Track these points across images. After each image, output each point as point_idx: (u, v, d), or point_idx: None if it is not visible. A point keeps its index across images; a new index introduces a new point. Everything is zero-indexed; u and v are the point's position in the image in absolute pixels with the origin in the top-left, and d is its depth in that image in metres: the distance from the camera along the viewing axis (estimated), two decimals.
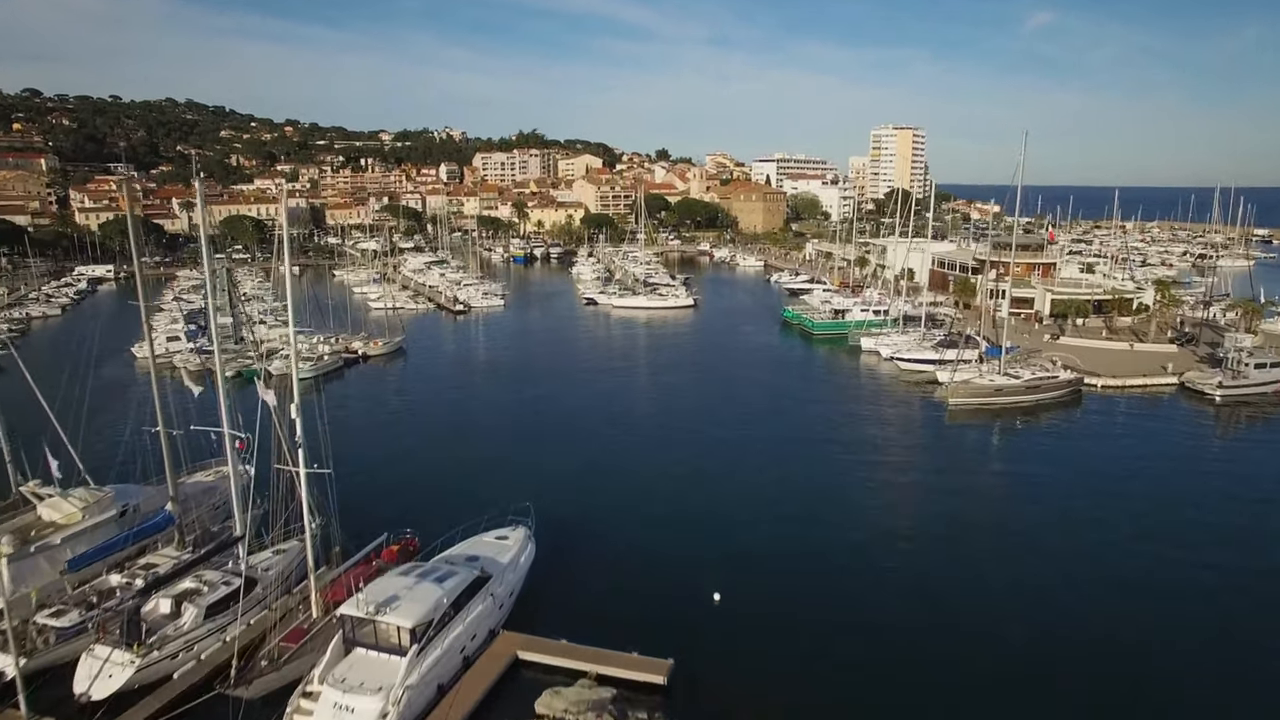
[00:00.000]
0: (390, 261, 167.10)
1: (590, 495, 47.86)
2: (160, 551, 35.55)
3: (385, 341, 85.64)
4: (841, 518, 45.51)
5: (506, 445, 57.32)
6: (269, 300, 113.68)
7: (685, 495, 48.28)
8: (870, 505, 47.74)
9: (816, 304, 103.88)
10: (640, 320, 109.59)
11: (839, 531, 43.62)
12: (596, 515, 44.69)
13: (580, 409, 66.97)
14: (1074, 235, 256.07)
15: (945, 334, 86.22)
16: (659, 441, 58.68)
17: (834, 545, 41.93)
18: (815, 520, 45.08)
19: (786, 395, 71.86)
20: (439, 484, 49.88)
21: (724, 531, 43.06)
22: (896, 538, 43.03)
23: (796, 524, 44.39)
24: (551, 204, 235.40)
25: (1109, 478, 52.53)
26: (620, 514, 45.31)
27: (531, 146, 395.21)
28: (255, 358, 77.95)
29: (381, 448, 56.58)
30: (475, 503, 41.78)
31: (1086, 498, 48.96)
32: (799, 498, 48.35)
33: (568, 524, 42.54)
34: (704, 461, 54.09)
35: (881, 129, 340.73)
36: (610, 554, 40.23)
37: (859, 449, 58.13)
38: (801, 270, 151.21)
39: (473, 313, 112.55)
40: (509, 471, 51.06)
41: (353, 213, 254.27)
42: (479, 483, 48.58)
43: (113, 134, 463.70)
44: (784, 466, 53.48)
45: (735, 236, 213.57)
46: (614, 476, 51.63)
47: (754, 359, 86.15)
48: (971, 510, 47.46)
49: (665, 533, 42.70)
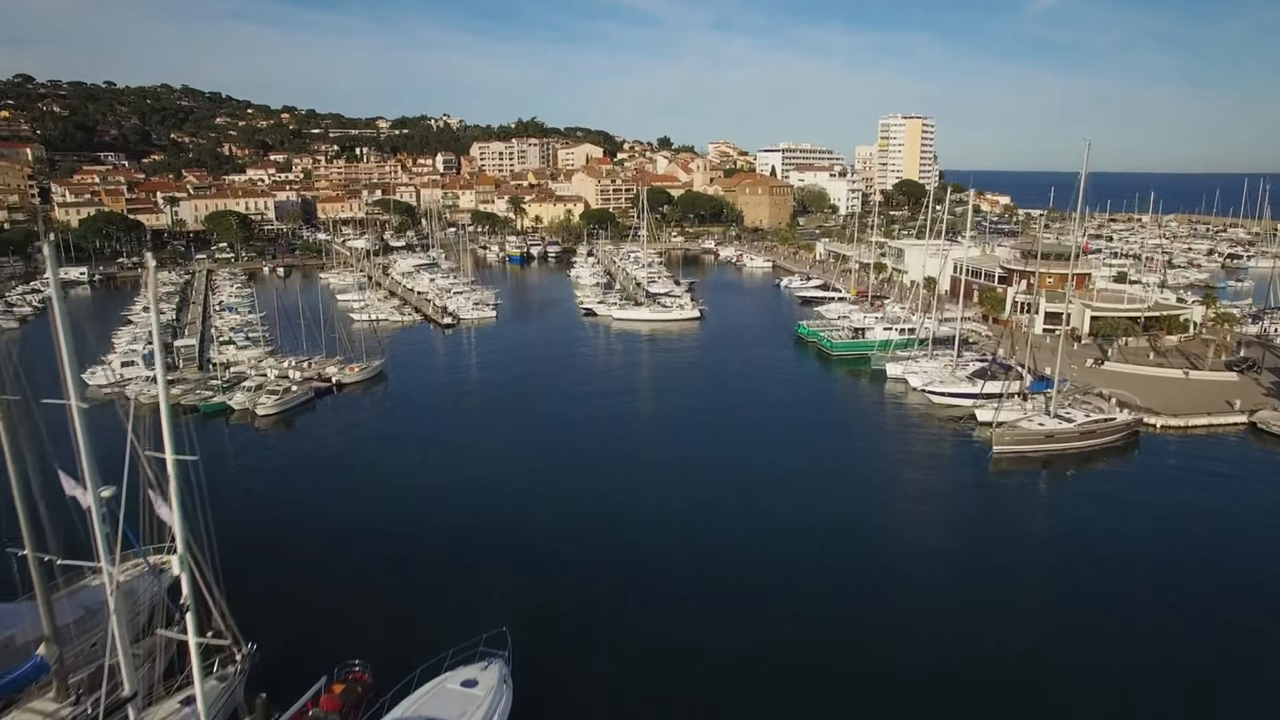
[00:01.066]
0: (379, 263, 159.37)
1: (582, 607, 38.79)
2: (34, 706, 27.89)
3: (363, 366, 77.87)
4: (894, 608, 38.06)
5: (483, 524, 48.61)
6: (244, 310, 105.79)
7: (699, 592, 40.66)
8: (915, 584, 40.26)
9: (833, 318, 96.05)
10: (642, 334, 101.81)
11: (904, 644, 36.04)
12: (591, 634, 36.67)
13: (573, 460, 59.08)
14: (1090, 230, 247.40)
15: (980, 357, 78.56)
16: (667, 520, 50.50)
17: (897, 660, 34.36)
18: (865, 625, 37.53)
19: (805, 433, 64.21)
20: (396, 585, 40.45)
21: (755, 639, 35.55)
22: (949, 632, 35.58)
23: (840, 630, 36.83)
24: (550, 198, 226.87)
25: (1181, 543, 45.42)
26: (617, 626, 37.48)
27: (531, 135, 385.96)
28: (218, 387, 70.45)
29: (328, 530, 46.78)
30: (438, 617, 34.35)
31: (1159, 572, 42.34)
32: (836, 590, 40.76)
33: (554, 648, 34.89)
34: (721, 543, 46.31)
35: (890, 119, 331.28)
36: (608, 693, 32.63)
37: (893, 506, 50.97)
38: (813, 273, 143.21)
39: (462, 325, 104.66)
40: (484, 561, 43.26)
41: (345, 206, 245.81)
42: (446, 590, 39.67)
43: (104, 121, 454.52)
44: (812, 540, 45.87)
45: (741, 233, 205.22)
46: (612, 571, 43.73)
47: (768, 387, 78.44)
48: (1023, 585, 41.40)
49: (675, 648, 35.15)
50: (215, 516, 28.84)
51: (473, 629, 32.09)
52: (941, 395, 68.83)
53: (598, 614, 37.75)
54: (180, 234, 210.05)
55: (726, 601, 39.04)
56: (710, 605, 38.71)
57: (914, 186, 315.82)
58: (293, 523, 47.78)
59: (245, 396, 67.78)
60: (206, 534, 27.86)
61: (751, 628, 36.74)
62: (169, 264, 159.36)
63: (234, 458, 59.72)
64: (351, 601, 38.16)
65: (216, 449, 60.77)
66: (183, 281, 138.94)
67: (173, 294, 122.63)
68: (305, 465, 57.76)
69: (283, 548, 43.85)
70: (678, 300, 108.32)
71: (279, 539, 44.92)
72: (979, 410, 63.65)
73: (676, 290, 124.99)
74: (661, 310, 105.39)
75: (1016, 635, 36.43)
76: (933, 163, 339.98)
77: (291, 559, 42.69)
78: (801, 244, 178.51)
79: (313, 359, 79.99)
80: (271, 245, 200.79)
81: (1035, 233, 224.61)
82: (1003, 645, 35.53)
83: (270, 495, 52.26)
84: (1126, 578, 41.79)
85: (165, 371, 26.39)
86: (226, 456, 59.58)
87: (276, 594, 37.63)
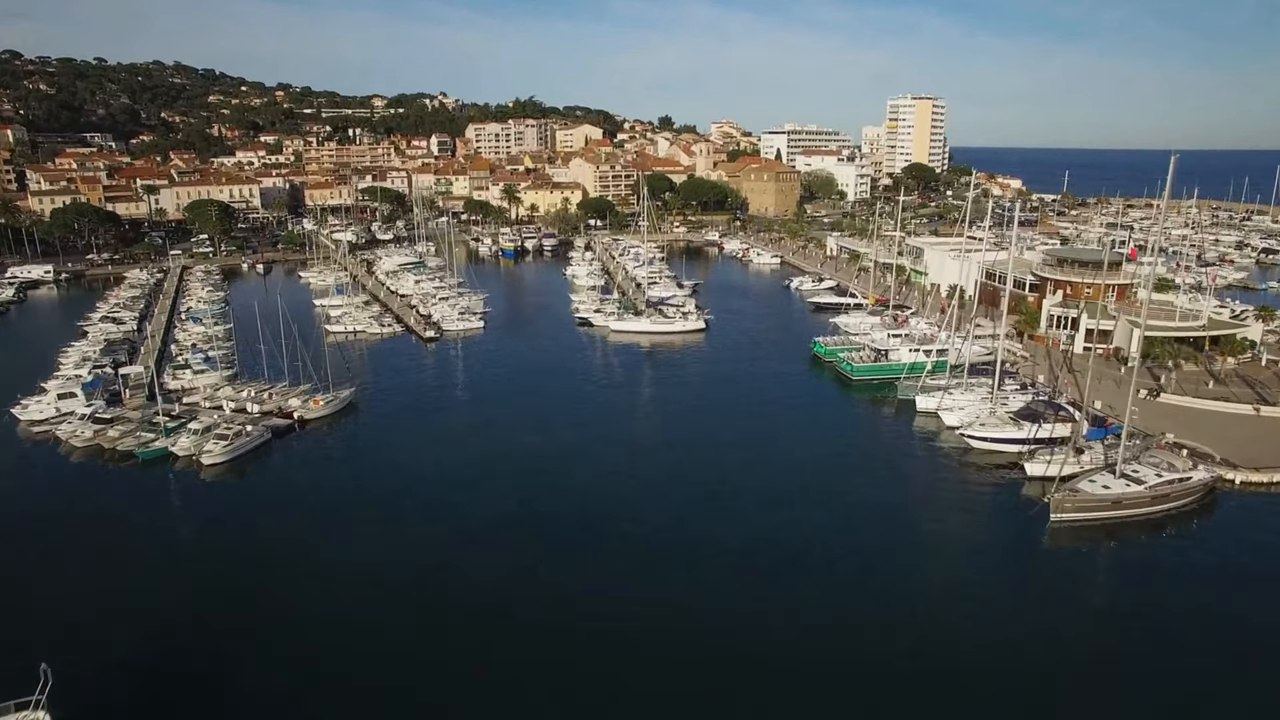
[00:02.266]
0: (364, 258, 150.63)
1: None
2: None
3: (329, 399, 69.47)
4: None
5: (452, 619, 41.45)
6: (210, 321, 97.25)
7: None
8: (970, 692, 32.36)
9: (852, 334, 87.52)
10: (642, 349, 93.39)
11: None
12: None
13: (551, 528, 51.00)
14: (1106, 216, 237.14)
15: (1022, 387, 70.18)
16: (652, 606, 42.82)
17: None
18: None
19: (824, 480, 56.05)
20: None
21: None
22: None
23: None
24: (547, 185, 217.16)
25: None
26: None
27: (528, 116, 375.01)
28: (161, 429, 62.21)
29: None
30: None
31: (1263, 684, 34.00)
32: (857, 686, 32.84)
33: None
34: (730, 648, 38.40)
35: (899, 99, 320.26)
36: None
37: (936, 587, 43.05)
38: (825, 272, 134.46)
39: (446, 337, 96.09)
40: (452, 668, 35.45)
41: (334, 193, 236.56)
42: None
43: (92, 100, 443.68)
44: (843, 635, 37.86)
45: (747, 222, 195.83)
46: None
47: (780, 415, 70.30)
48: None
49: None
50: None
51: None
52: (982, 440, 60.43)
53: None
54: (160, 224, 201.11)
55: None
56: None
57: (924, 170, 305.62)
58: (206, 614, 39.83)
59: (190, 441, 59.49)
60: None
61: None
62: (142, 260, 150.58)
63: (164, 522, 51.63)
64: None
65: (147, 511, 52.75)
66: (152, 282, 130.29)
67: (137, 299, 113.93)
68: (244, 539, 49.50)
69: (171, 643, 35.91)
70: (681, 309, 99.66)
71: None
72: (1028, 463, 55.45)
73: (679, 294, 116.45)
74: (663, 321, 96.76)
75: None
76: (942, 145, 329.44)
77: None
78: (810, 236, 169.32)
79: (275, 388, 71.64)
80: (255, 236, 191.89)
81: (1054, 223, 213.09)
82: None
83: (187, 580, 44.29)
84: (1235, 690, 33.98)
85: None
86: (156, 521, 51.53)
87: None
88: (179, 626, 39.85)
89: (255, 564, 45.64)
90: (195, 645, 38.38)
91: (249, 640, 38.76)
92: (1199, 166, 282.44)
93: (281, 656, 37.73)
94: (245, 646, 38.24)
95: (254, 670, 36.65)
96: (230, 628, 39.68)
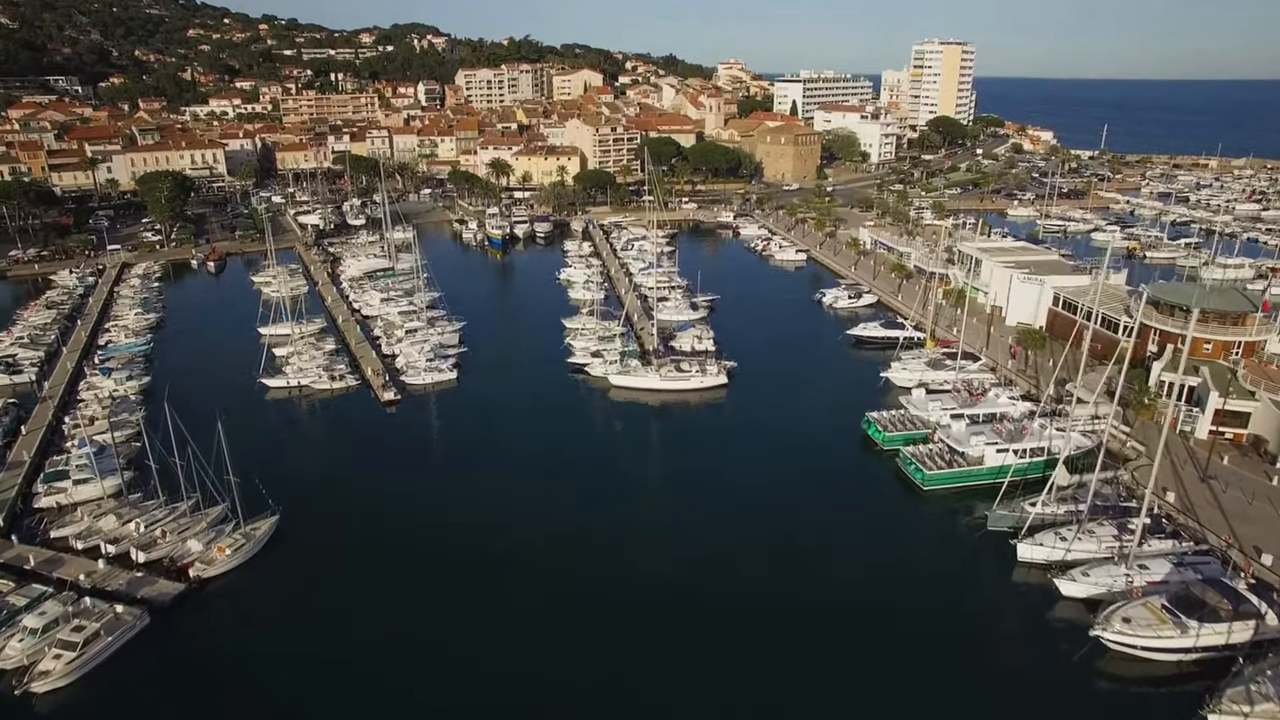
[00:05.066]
0: (331, 250, 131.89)
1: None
2: None
3: (241, 540, 52.45)
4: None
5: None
6: (119, 377, 79.47)
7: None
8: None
9: (914, 409, 69.84)
10: (651, 411, 76.46)
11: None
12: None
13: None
14: (1154, 181, 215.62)
15: (1153, 519, 53.10)
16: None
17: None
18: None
19: (887, 670, 39.93)
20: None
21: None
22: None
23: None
24: (541, 150, 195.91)
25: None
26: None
27: (523, 61, 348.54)
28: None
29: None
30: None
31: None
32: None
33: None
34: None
35: (925, 44, 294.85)
36: None
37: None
38: (860, 277, 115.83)
39: (411, 394, 78.57)
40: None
41: (308, 154, 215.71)
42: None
43: (60, 36, 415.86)
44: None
45: (764, 199, 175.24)
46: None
47: (823, 546, 53.81)
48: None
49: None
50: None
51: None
52: (1139, 645, 43.43)
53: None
54: (110, 199, 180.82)
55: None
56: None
57: (951, 124, 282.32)
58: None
59: (20, 648, 42.73)
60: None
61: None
62: (77, 256, 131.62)
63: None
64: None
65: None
66: (80, 290, 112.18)
67: (50, 325, 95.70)
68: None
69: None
70: (699, 363, 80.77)
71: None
72: (1218, 706, 38.62)
73: (692, 316, 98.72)
74: (677, 377, 78.76)
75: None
76: (970, 93, 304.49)
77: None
78: (836, 218, 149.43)
79: (173, 519, 54.60)
80: (216, 214, 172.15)
81: (1102, 193, 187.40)
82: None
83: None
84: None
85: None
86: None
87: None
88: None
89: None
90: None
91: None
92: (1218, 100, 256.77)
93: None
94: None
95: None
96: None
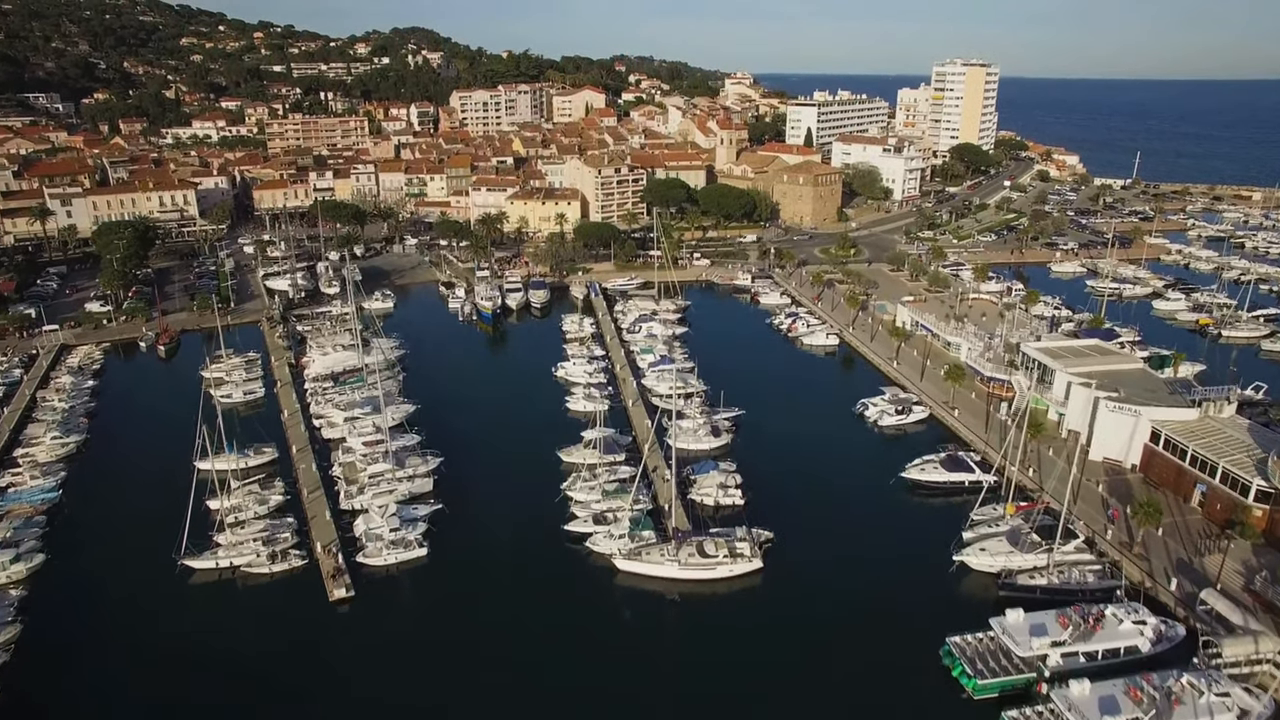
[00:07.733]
0: (299, 331, 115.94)
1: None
2: None
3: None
4: None
5: None
6: (5, 557, 63.60)
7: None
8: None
9: (1013, 642, 53.33)
10: (664, 607, 60.76)
11: None
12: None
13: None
14: (1198, 222, 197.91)
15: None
16: None
17: None
18: None
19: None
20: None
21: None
22: None
23: None
24: (538, 194, 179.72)
25: None
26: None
27: (521, 79, 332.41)
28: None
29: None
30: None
31: None
32: None
33: None
34: None
35: (947, 66, 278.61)
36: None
37: None
38: (906, 378, 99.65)
39: (368, 588, 62.24)
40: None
41: (289, 192, 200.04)
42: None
43: (45, 48, 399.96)
44: None
45: (785, 258, 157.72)
46: None
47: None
48: None
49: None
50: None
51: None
52: None
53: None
54: (67, 249, 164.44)
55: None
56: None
57: (975, 152, 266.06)
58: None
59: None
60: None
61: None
62: (8, 338, 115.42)
63: None
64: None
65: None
66: (3, 388, 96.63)
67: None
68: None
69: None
70: (729, 545, 64.24)
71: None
72: None
73: (714, 444, 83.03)
74: (700, 564, 62.67)
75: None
76: (993, 116, 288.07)
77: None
78: (868, 283, 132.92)
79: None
80: (179, 267, 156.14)
81: (1150, 242, 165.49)
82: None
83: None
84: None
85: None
86: None
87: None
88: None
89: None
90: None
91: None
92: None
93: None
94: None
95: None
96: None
